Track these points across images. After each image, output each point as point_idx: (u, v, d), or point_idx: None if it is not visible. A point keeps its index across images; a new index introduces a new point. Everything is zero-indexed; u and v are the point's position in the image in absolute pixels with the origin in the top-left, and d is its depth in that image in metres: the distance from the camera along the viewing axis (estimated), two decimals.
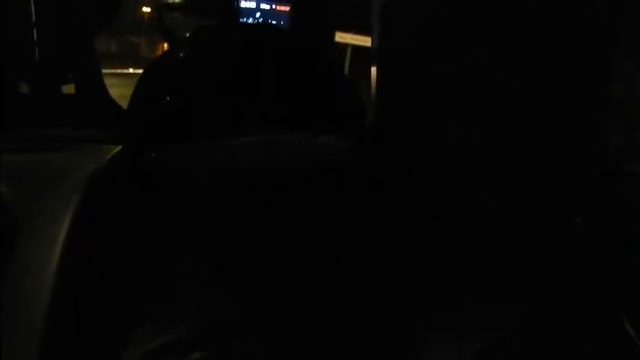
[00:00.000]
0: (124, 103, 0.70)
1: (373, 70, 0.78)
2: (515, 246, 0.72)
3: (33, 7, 1.13)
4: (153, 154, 0.60)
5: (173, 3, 1.53)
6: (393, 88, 0.78)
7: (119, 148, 0.79)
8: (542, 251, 0.72)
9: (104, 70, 1.27)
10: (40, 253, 0.64)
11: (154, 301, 0.61)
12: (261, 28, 0.74)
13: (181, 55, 0.64)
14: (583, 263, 0.72)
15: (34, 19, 1.13)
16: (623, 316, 0.63)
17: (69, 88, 1.18)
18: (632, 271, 0.70)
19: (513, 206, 0.76)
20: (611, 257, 0.72)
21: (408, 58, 0.77)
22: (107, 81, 1.21)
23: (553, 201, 0.77)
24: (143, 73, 0.68)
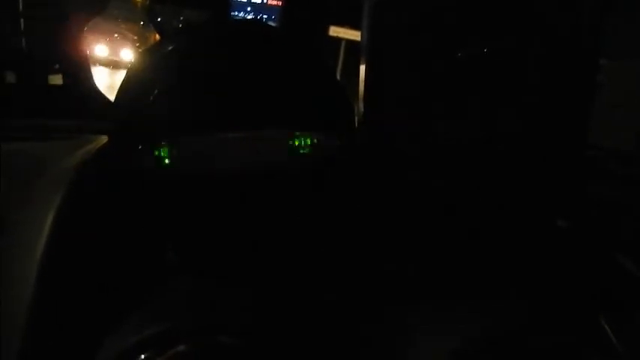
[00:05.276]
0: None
1: (362, 68, 0.78)
2: (497, 245, 0.73)
3: None
4: (140, 147, 0.60)
5: None
6: (381, 85, 0.79)
7: (106, 139, 0.78)
8: (523, 250, 0.72)
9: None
10: (25, 243, 0.64)
11: (141, 295, 0.61)
12: (251, 23, 0.74)
13: (170, 48, 0.63)
14: (563, 261, 0.73)
15: (21, 8, 1.12)
16: (598, 312, 0.64)
17: (56, 79, 1.17)
18: (611, 268, 0.71)
19: (498, 205, 0.76)
20: (591, 255, 0.73)
21: (397, 56, 0.77)
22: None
23: (538, 201, 0.77)
24: (131, 64, 0.68)
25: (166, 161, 0.58)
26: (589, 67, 0.77)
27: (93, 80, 1.20)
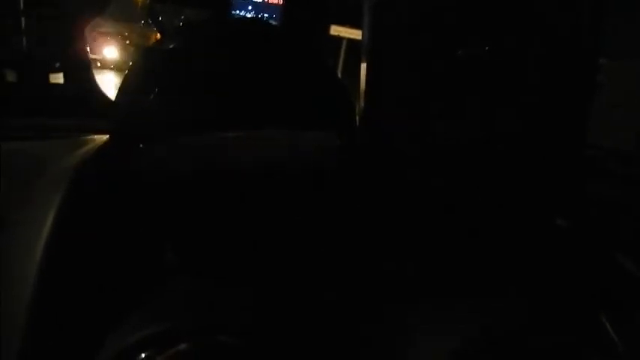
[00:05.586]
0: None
1: (362, 67, 0.78)
2: (497, 245, 0.73)
3: None
4: (141, 146, 0.60)
5: None
6: (381, 85, 0.79)
7: (106, 138, 0.78)
8: (523, 250, 0.73)
9: None
10: (25, 243, 0.64)
11: (141, 295, 0.61)
12: (251, 22, 0.74)
13: (171, 47, 0.64)
14: (562, 260, 0.73)
15: (22, 7, 1.13)
16: (599, 312, 0.64)
17: (57, 78, 1.17)
18: (611, 267, 0.71)
19: (498, 205, 0.76)
20: (591, 255, 0.73)
21: (397, 56, 0.77)
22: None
23: (538, 201, 0.77)
24: (132, 63, 0.68)
25: (167, 161, 0.59)
26: (589, 67, 0.77)
27: (94, 79, 1.20)
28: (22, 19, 1.12)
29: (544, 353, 0.59)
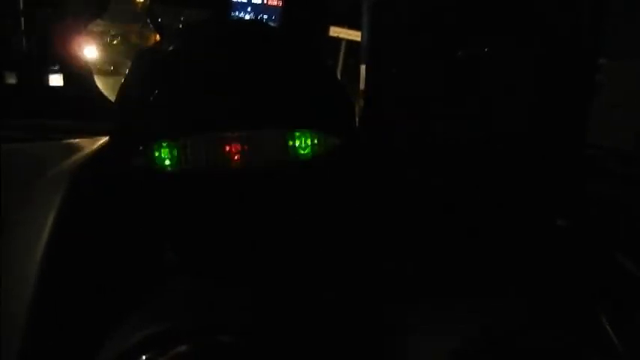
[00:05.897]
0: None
1: (362, 67, 0.78)
2: (497, 245, 0.73)
3: None
4: (140, 147, 0.60)
5: None
6: (380, 85, 0.79)
7: (106, 139, 0.78)
8: (522, 250, 0.73)
9: None
10: (25, 243, 0.64)
11: (141, 295, 0.61)
12: (250, 23, 0.74)
13: (171, 48, 0.64)
14: (562, 260, 0.73)
15: (22, 7, 1.13)
16: (599, 312, 0.64)
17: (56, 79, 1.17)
18: (611, 267, 0.71)
19: (498, 205, 0.76)
20: (591, 255, 0.73)
21: (397, 56, 0.77)
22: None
23: (538, 200, 0.77)
24: (132, 64, 0.68)
25: (167, 162, 0.59)
26: (589, 67, 0.77)
27: (93, 80, 1.20)
28: (22, 19, 1.12)
29: (544, 353, 0.59)
